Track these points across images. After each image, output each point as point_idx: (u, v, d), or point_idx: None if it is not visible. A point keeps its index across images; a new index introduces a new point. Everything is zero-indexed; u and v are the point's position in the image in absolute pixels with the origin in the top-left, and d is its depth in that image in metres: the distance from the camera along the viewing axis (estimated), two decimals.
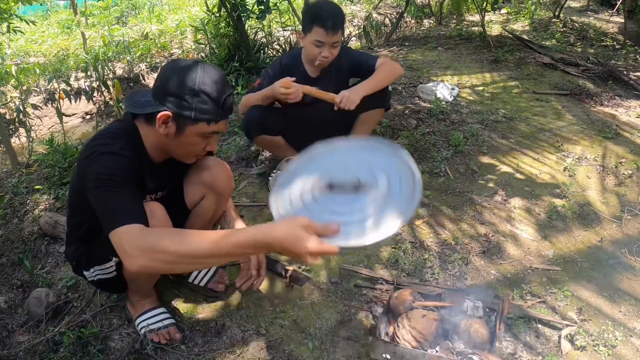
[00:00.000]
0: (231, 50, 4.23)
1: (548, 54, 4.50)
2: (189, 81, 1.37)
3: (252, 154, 2.89)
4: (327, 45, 2.28)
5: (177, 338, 1.71)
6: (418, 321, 1.62)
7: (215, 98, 1.39)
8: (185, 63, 1.41)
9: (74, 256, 1.65)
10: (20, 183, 2.77)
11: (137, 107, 1.45)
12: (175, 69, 1.40)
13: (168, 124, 1.41)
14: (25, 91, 4.71)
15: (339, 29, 2.26)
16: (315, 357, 1.65)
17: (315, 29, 2.25)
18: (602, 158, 2.82)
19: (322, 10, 2.27)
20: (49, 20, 7.89)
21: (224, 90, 1.41)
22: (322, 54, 2.29)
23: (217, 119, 1.42)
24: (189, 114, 1.39)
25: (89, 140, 1.46)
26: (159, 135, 1.45)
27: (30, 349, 1.72)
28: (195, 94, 1.37)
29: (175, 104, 1.38)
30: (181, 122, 1.41)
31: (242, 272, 1.72)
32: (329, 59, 2.34)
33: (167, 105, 1.39)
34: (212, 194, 1.75)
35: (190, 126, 1.41)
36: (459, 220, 2.34)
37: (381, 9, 7.27)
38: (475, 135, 3.02)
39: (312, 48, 2.30)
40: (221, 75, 1.43)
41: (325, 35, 2.24)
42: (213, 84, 1.39)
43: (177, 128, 1.42)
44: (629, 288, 1.96)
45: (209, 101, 1.39)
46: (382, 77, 2.37)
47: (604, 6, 7.32)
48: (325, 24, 2.22)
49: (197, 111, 1.39)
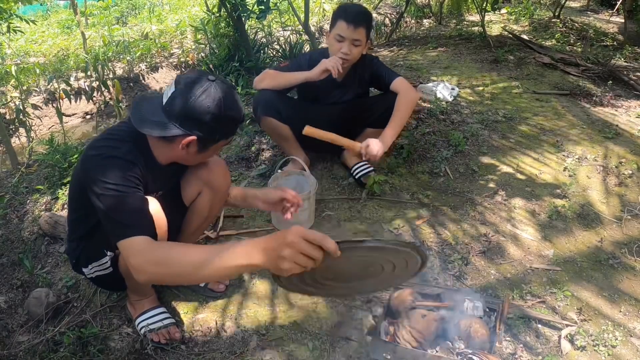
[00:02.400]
0: (231, 50, 4.23)
1: (548, 54, 4.51)
2: (213, 107, 1.39)
3: (253, 154, 2.89)
4: (348, 41, 2.27)
5: (177, 338, 1.71)
6: (418, 321, 1.62)
7: (236, 119, 1.47)
8: (202, 85, 1.39)
9: (73, 254, 1.66)
10: (20, 183, 2.77)
11: (146, 126, 1.42)
12: (194, 92, 1.38)
13: (190, 146, 1.45)
14: (25, 91, 4.71)
15: (360, 26, 2.27)
16: (315, 357, 1.65)
17: (339, 23, 2.28)
18: (602, 158, 2.82)
19: (348, 6, 2.34)
20: (49, 20, 7.88)
21: (240, 109, 1.48)
22: (342, 49, 2.28)
23: (234, 133, 1.54)
24: (215, 137, 1.46)
25: (94, 140, 1.48)
26: (175, 152, 1.48)
27: (30, 349, 1.72)
28: (219, 119, 1.41)
29: (201, 129, 1.41)
30: (204, 144, 1.47)
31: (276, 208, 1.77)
32: (349, 59, 2.31)
33: (190, 129, 1.41)
34: (208, 191, 1.75)
35: (213, 145, 1.49)
36: (459, 220, 2.34)
37: (381, 9, 7.27)
38: (475, 135, 3.02)
39: (334, 43, 2.31)
40: (234, 93, 1.47)
41: (346, 29, 2.25)
42: (232, 105, 1.43)
43: (200, 148, 1.48)
44: (629, 288, 1.96)
45: (232, 124, 1.48)
46: (404, 115, 2.36)
47: (604, 6, 7.32)
48: (347, 18, 2.25)
49: (221, 134, 1.47)
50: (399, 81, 2.43)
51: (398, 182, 2.62)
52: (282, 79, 2.39)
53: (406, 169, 2.72)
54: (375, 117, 2.50)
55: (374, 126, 2.52)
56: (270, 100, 2.42)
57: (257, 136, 3.02)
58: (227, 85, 1.45)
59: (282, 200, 1.73)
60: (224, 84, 1.43)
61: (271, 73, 2.43)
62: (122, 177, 1.35)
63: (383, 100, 2.49)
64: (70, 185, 1.59)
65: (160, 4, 8.08)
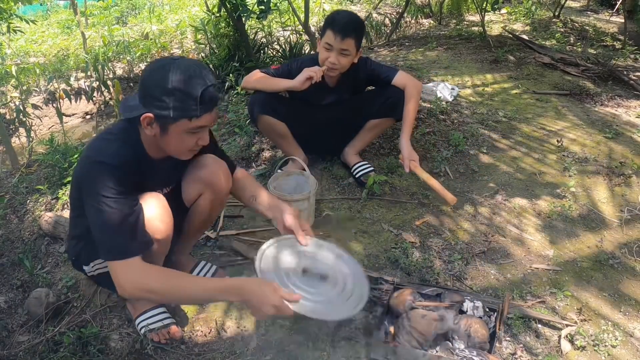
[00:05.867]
0: (231, 50, 4.22)
1: (548, 54, 4.51)
2: (162, 80, 1.36)
3: (253, 154, 2.89)
4: (335, 51, 2.25)
5: (177, 338, 1.71)
6: (418, 321, 1.62)
7: (190, 93, 1.37)
8: (161, 62, 1.40)
9: (73, 251, 1.66)
10: (20, 183, 2.77)
11: (128, 111, 1.45)
12: (152, 69, 1.40)
13: (152, 125, 1.42)
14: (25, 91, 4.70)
15: (349, 37, 2.22)
16: (315, 357, 1.65)
17: (327, 32, 2.25)
18: (602, 158, 2.82)
19: (338, 15, 2.29)
20: (49, 20, 7.88)
21: (199, 84, 1.38)
22: (329, 59, 2.27)
23: (197, 114, 1.40)
24: (168, 113, 1.38)
25: (93, 139, 1.52)
26: (146, 136, 1.47)
27: (30, 349, 1.72)
28: (169, 92, 1.36)
29: (154, 105, 1.38)
30: (163, 122, 1.41)
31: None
32: (336, 68, 2.30)
33: (148, 107, 1.39)
34: (209, 192, 1.75)
35: (173, 124, 1.41)
36: (459, 220, 2.34)
37: (381, 9, 7.27)
38: (475, 135, 3.02)
39: (322, 51, 2.29)
40: (196, 69, 1.39)
41: (334, 40, 2.22)
42: (188, 79, 1.36)
43: (161, 128, 1.42)
44: (629, 288, 1.96)
45: (185, 98, 1.37)
46: (415, 107, 2.39)
47: (604, 6, 7.32)
48: (335, 28, 2.22)
49: (175, 109, 1.38)
50: (401, 76, 2.43)
51: (398, 182, 2.61)
52: (267, 84, 2.38)
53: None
54: (376, 108, 2.50)
55: (375, 117, 2.53)
56: (266, 99, 2.41)
57: (257, 136, 3.02)
58: (186, 60, 1.39)
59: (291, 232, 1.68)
60: (181, 60, 1.39)
61: (259, 76, 2.41)
62: (108, 186, 1.37)
63: (383, 92, 2.48)
64: (71, 184, 1.60)
65: (160, 4, 8.07)
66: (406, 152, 2.26)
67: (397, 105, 2.43)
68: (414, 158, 2.24)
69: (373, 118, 2.53)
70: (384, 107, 2.47)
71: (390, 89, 2.43)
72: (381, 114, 2.50)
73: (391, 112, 2.49)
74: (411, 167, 2.22)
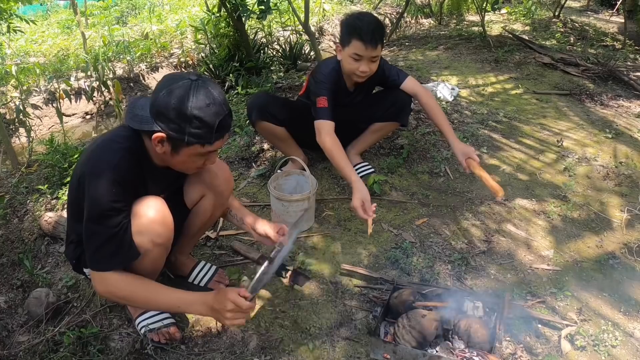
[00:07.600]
0: (231, 50, 4.23)
1: (548, 54, 4.51)
2: (180, 103, 1.33)
3: (253, 154, 2.89)
4: (366, 60, 2.19)
5: (177, 338, 1.71)
6: (418, 321, 1.62)
7: (208, 122, 1.36)
8: (180, 83, 1.36)
9: (73, 254, 1.65)
10: (20, 183, 2.77)
11: (136, 122, 1.42)
12: (169, 89, 1.35)
13: (163, 144, 1.41)
14: (25, 91, 4.70)
15: (378, 44, 2.16)
16: (315, 357, 1.65)
17: (354, 43, 2.15)
18: (602, 158, 2.82)
19: (362, 22, 2.16)
20: (49, 20, 7.88)
21: (218, 113, 1.37)
22: (360, 68, 2.20)
23: (211, 142, 1.40)
24: (182, 138, 1.37)
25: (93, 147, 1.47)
26: (155, 151, 1.45)
27: (30, 349, 1.72)
28: (187, 119, 1.34)
29: (169, 126, 1.36)
30: (175, 144, 1.40)
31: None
32: (367, 74, 2.25)
33: (161, 126, 1.37)
34: (211, 194, 1.75)
35: (185, 148, 1.41)
36: (459, 220, 2.34)
37: (381, 9, 7.27)
38: (475, 135, 3.02)
39: (350, 62, 2.21)
40: (216, 96, 1.38)
41: (364, 50, 2.14)
42: (206, 107, 1.35)
43: (172, 148, 1.42)
44: (629, 288, 1.96)
45: (202, 126, 1.36)
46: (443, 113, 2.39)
47: (604, 6, 7.32)
48: (364, 37, 2.12)
49: (190, 136, 1.37)
50: (410, 82, 2.42)
51: (398, 182, 2.61)
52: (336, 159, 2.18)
53: (406, 169, 2.72)
54: (382, 112, 2.49)
55: (381, 120, 2.52)
56: (264, 104, 2.40)
57: (257, 136, 3.02)
58: (206, 86, 1.37)
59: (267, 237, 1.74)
60: (203, 86, 1.36)
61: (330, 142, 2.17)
62: (105, 203, 1.37)
63: (390, 95, 2.48)
64: (69, 189, 1.59)
65: (160, 4, 8.08)
66: (460, 153, 2.18)
67: (404, 110, 2.43)
68: (471, 155, 2.16)
69: (378, 121, 2.53)
70: (390, 111, 2.46)
71: (397, 93, 2.43)
72: (387, 117, 2.50)
73: (397, 116, 2.49)
74: (470, 167, 2.15)
